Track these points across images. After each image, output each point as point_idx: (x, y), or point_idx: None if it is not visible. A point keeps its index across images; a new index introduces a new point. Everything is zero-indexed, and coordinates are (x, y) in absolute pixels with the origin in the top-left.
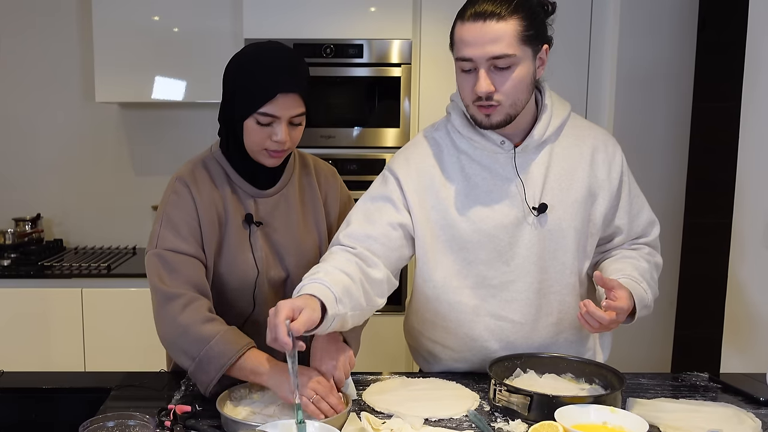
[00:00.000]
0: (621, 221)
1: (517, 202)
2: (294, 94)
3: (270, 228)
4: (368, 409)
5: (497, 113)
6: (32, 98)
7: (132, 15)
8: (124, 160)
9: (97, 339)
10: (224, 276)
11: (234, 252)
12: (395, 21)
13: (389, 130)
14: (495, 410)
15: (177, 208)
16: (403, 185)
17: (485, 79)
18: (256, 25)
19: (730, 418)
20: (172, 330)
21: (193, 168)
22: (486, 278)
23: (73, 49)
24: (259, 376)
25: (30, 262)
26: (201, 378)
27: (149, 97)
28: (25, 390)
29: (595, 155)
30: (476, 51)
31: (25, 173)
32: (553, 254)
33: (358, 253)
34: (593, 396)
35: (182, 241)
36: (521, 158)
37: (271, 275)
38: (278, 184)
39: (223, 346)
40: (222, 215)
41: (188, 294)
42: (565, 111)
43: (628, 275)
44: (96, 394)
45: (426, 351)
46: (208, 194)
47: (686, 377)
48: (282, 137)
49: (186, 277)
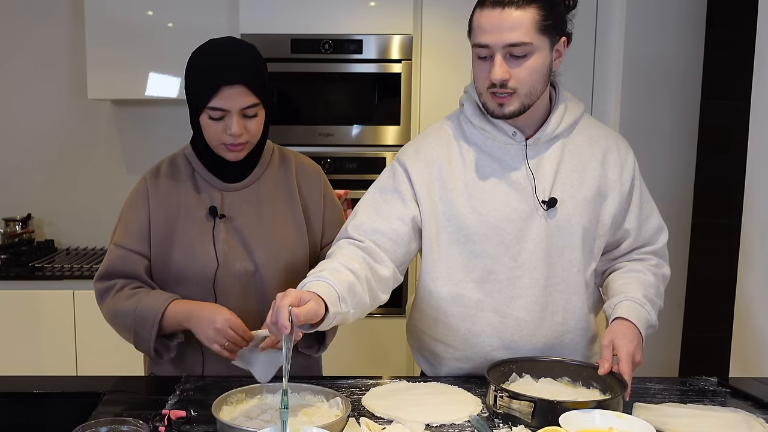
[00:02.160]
0: (630, 225)
1: (526, 195)
2: (239, 85)
3: (236, 221)
4: (367, 414)
5: (511, 102)
6: (22, 95)
7: (125, 9)
8: (117, 159)
9: (90, 342)
10: (182, 269)
11: (193, 244)
12: (395, 15)
13: (389, 127)
14: (495, 416)
15: (131, 206)
16: (412, 176)
17: (501, 66)
18: (252, 20)
19: (740, 424)
20: (109, 317)
21: (159, 164)
22: (492, 272)
23: (64, 45)
24: (187, 321)
25: (20, 264)
26: (143, 345)
27: (143, 94)
28: (16, 395)
29: (607, 156)
30: (493, 38)
31: (16, 172)
32: (561, 251)
33: (365, 247)
34: (596, 401)
35: (128, 237)
36: (532, 151)
37: (235, 268)
38: (247, 179)
39: (148, 307)
40: (182, 209)
41: (118, 284)
42: (579, 109)
43: (631, 297)
44: (88, 398)
45: (428, 351)
46: (166, 189)
47: (694, 381)
48: (235, 130)
49: (122, 270)
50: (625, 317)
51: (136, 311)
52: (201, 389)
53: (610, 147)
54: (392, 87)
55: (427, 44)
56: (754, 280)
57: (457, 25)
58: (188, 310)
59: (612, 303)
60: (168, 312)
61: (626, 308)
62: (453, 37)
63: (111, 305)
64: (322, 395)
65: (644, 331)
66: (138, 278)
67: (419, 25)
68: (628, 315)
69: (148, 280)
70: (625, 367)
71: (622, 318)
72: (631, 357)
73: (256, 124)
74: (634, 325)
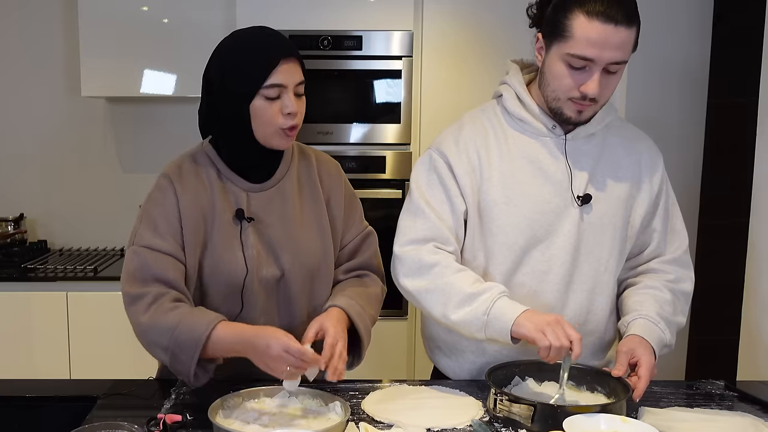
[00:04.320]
0: (656, 227)
1: (561, 190)
2: (294, 58)
3: (263, 224)
4: (367, 418)
5: (590, 110)
6: (14, 92)
7: (120, 5)
8: (112, 158)
9: (83, 345)
10: (210, 275)
11: (221, 250)
12: (396, 11)
13: (390, 125)
14: (495, 420)
15: (158, 205)
16: (455, 169)
17: (599, 82)
18: (249, 15)
19: (747, 428)
20: (140, 330)
21: (180, 163)
22: (520, 265)
23: (57, 41)
24: (237, 350)
25: (13, 265)
26: (180, 368)
27: (138, 91)
28: (7, 399)
29: (639, 158)
30: (601, 53)
31: (8, 171)
32: (590, 248)
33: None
34: (599, 405)
35: (159, 238)
36: (570, 146)
37: (263, 274)
38: (273, 178)
39: (190, 328)
40: (209, 212)
41: (153, 291)
42: (613, 111)
43: (645, 315)
44: (82, 402)
45: (443, 341)
46: (193, 190)
47: (701, 385)
48: (294, 107)
49: (155, 274)
50: (638, 335)
51: (176, 331)
52: (197, 393)
53: (642, 150)
54: (392, 84)
55: (429, 40)
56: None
57: (460, 20)
58: (238, 335)
59: (625, 321)
60: (213, 337)
61: (640, 327)
62: (455, 33)
63: (145, 318)
64: (320, 399)
65: (658, 351)
66: (172, 284)
67: (420, 21)
68: (641, 333)
69: (182, 287)
70: (646, 375)
71: (637, 335)
72: (652, 368)
73: (304, 106)
74: (648, 343)
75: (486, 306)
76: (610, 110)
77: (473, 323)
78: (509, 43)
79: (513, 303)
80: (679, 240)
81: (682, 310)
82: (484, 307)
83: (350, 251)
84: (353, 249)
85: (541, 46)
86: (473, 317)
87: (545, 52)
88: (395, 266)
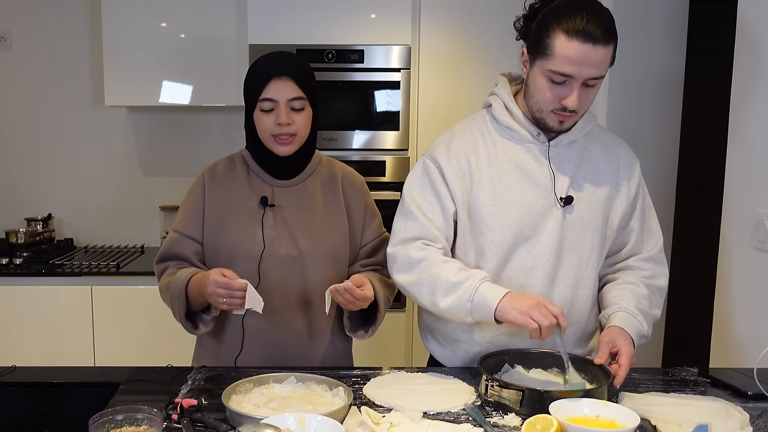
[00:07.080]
0: (634, 227)
1: (545, 192)
2: (286, 77)
3: (285, 211)
4: (368, 403)
5: (570, 120)
6: (44, 102)
7: (140, 22)
8: (133, 162)
9: (107, 335)
10: (232, 249)
11: (243, 228)
12: (395, 27)
13: (389, 132)
14: (487, 405)
15: (189, 196)
16: (445, 174)
17: (578, 96)
18: (260, 31)
19: (719, 412)
20: (160, 295)
21: (217, 162)
22: (508, 261)
23: (83, 55)
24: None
25: (41, 261)
26: (178, 318)
27: (157, 101)
28: (37, 384)
29: (618, 163)
30: (580, 71)
31: (37, 174)
32: (573, 246)
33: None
34: (582, 390)
35: (184, 223)
36: (554, 152)
37: (280, 253)
38: (297, 177)
39: (176, 285)
40: (235, 200)
41: (170, 264)
42: (593, 119)
43: (624, 308)
44: (105, 388)
45: (438, 332)
46: (221, 181)
47: (676, 372)
48: (283, 118)
49: (174, 253)
50: (618, 326)
51: (169, 286)
52: (211, 379)
53: (620, 155)
54: (392, 94)
55: (425, 54)
56: (733, 277)
57: (454, 35)
58: (197, 283)
59: (606, 313)
60: (189, 288)
61: (620, 319)
62: (449, 48)
63: (160, 284)
64: (325, 385)
65: (636, 341)
66: (187, 260)
67: (417, 36)
68: (621, 325)
69: (195, 260)
70: (626, 363)
71: (617, 327)
72: (632, 357)
73: (303, 119)
74: (628, 334)
75: (469, 293)
76: (590, 119)
77: (460, 309)
78: (499, 57)
79: (494, 287)
80: (654, 239)
81: (657, 304)
82: (468, 294)
83: (368, 251)
84: (371, 249)
85: (525, 59)
86: (459, 304)
87: (529, 66)
88: (390, 264)
